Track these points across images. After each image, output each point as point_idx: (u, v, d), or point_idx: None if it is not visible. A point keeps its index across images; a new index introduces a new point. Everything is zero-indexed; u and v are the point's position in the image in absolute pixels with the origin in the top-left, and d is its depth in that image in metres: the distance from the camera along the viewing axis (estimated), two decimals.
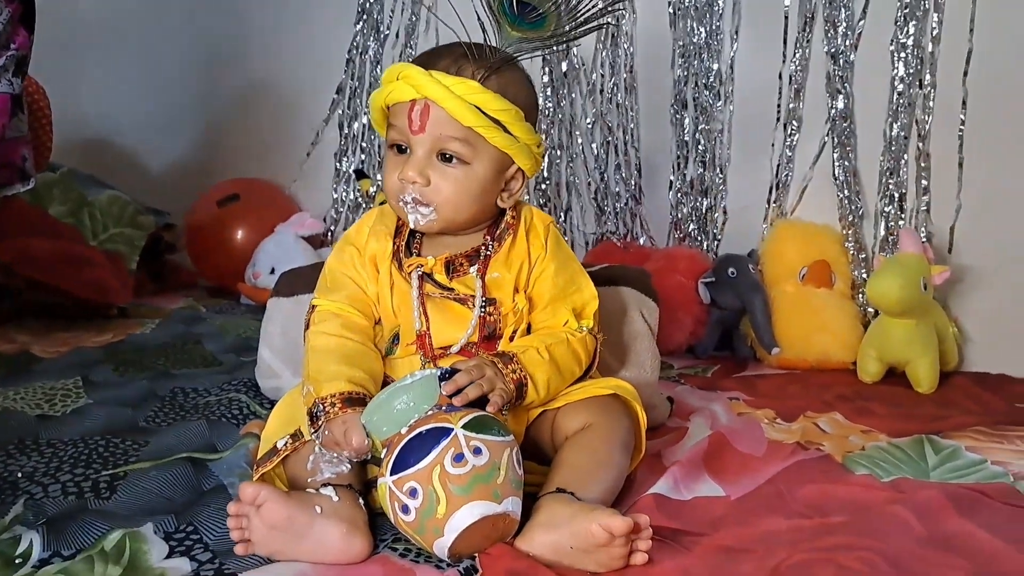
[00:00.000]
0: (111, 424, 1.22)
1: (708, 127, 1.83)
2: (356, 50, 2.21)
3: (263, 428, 1.19)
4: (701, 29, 1.81)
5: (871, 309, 1.68)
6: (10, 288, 1.74)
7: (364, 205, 2.23)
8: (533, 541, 0.85)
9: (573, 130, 1.96)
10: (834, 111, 1.69)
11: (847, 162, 1.69)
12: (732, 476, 1.07)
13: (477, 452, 0.84)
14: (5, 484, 1.02)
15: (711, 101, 1.83)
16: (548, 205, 1.98)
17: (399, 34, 2.14)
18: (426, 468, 0.83)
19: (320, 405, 0.92)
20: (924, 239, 1.61)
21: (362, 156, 2.25)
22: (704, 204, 1.86)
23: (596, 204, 1.94)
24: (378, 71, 2.20)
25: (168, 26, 2.47)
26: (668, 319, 1.49)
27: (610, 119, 1.91)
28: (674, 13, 1.84)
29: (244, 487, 0.86)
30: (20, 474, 1.05)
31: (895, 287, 1.47)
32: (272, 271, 2.05)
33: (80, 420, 1.23)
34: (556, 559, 0.85)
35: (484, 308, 1.00)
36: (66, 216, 1.94)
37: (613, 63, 1.89)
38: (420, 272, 1.01)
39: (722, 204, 1.86)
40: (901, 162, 1.64)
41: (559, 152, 1.97)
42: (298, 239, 2.10)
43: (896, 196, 1.65)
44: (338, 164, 2.27)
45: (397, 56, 2.14)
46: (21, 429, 1.18)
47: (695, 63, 1.83)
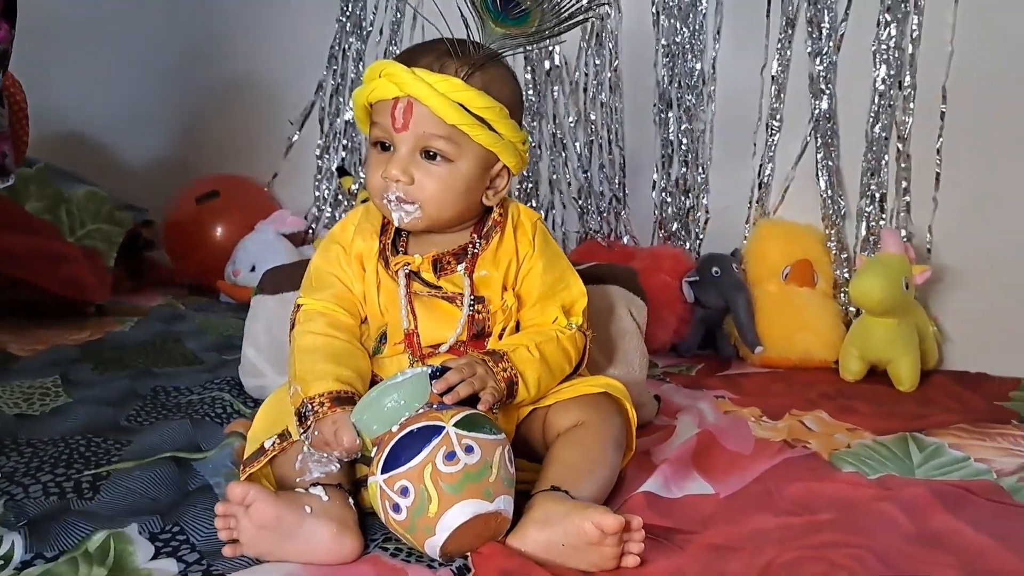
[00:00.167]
0: (92, 423, 1.20)
1: (691, 127, 1.84)
2: (338, 46, 2.20)
3: (248, 427, 1.18)
4: (684, 29, 1.82)
5: (852, 308, 1.69)
6: None
7: (346, 203, 2.21)
8: (526, 539, 0.85)
9: (556, 129, 1.96)
10: (817, 111, 1.70)
11: (830, 162, 1.70)
12: (721, 474, 1.07)
13: (469, 450, 0.83)
14: None
15: (694, 101, 1.83)
16: (529, 204, 1.98)
17: (382, 31, 2.13)
18: (417, 466, 0.83)
19: (309, 405, 0.91)
20: (905, 239, 1.62)
21: (344, 153, 2.23)
22: (687, 204, 1.87)
23: (579, 203, 1.94)
24: (361, 68, 2.18)
25: (147, 19, 2.44)
26: (652, 318, 1.49)
27: (594, 118, 1.91)
28: (657, 13, 1.84)
29: (232, 487, 0.85)
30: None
31: (878, 287, 1.48)
32: (253, 269, 2.03)
33: (60, 419, 1.22)
34: (548, 557, 0.84)
35: (473, 306, 0.99)
36: (43, 212, 1.91)
37: (597, 62, 1.89)
38: (407, 270, 1.00)
39: (705, 203, 1.86)
40: (882, 162, 1.65)
41: (540, 150, 1.96)
42: (279, 237, 2.08)
43: (877, 196, 1.66)
44: (319, 161, 2.26)
45: (380, 53, 2.13)
46: None
47: (679, 63, 1.83)
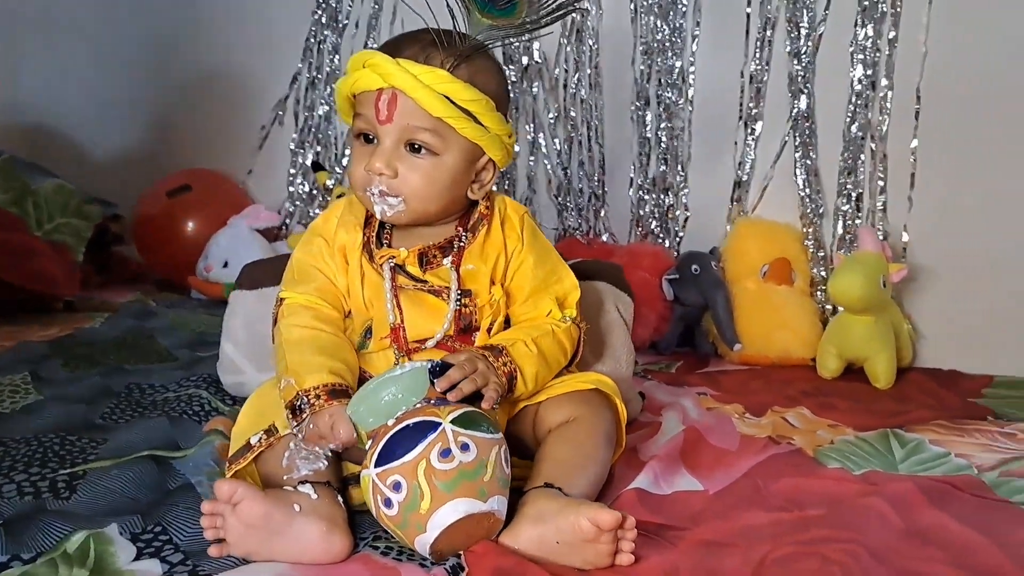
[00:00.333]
0: (65, 421, 1.17)
1: (670, 125, 1.84)
2: (314, 39, 2.17)
3: (228, 425, 1.16)
4: (664, 26, 1.82)
5: (829, 306, 1.71)
6: None
7: (320, 198, 2.19)
8: (520, 536, 0.84)
9: (535, 126, 1.95)
10: (796, 111, 1.71)
11: (808, 161, 1.72)
12: (708, 470, 1.07)
13: (465, 448, 0.82)
14: None
15: (673, 99, 1.83)
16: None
17: (359, 24, 2.11)
18: (411, 462, 0.81)
19: (304, 397, 0.89)
20: (881, 238, 1.64)
21: (319, 148, 2.21)
22: (666, 202, 1.87)
23: (558, 200, 1.94)
24: (337, 61, 2.16)
25: (116, 8, 2.39)
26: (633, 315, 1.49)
27: (574, 115, 1.91)
28: (636, 10, 1.84)
29: (220, 484, 0.83)
30: None
31: (857, 285, 1.49)
32: (225, 265, 2.00)
33: (31, 417, 1.18)
34: (542, 555, 0.83)
35: (459, 300, 0.98)
36: (9, 205, 1.86)
37: (578, 58, 1.89)
38: (392, 264, 0.99)
39: (683, 201, 1.87)
40: (859, 162, 1.67)
41: (518, 147, 1.95)
42: (252, 232, 2.05)
43: (854, 195, 1.68)
44: (294, 156, 2.23)
45: (357, 47, 2.11)
46: None
47: (657, 60, 1.83)
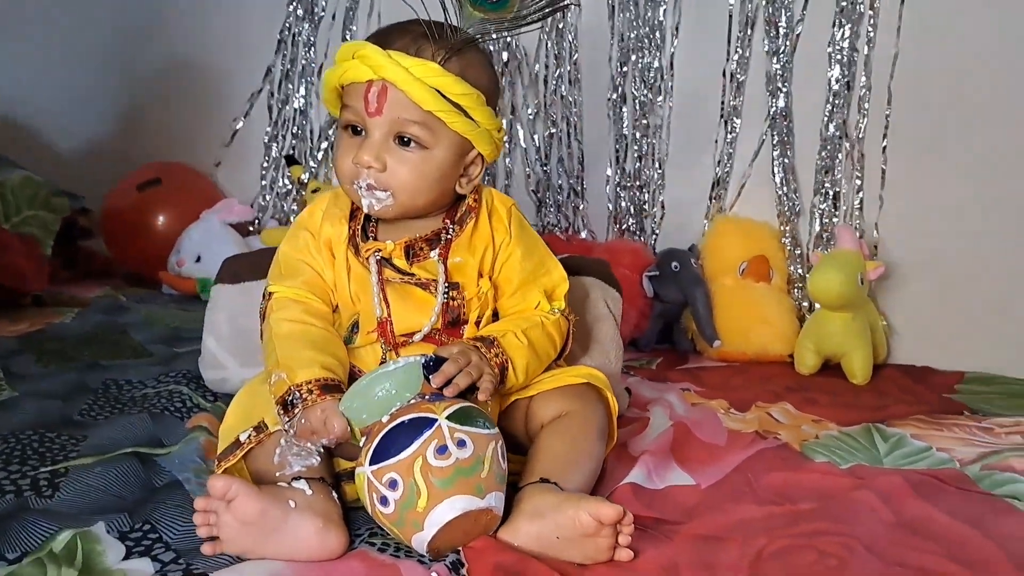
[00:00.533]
0: (42, 418, 1.14)
1: (646, 122, 1.85)
2: (288, 31, 2.14)
3: (211, 421, 1.14)
4: (643, 24, 1.82)
5: (806, 303, 1.73)
6: None
7: (295, 193, 2.16)
8: (518, 532, 0.83)
9: (514, 121, 1.94)
10: (774, 109, 1.73)
11: (785, 160, 1.73)
12: (699, 465, 1.07)
13: (461, 444, 0.81)
14: None
15: (650, 96, 1.84)
16: None
17: (335, 16, 2.08)
18: (407, 459, 0.80)
19: (296, 392, 0.87)
20: (858, 236, 1.66)
21: (293, 142, 2.18)
22: (642, 199, 1.87)
23: (536, 196, 1.93)
24: (312, 54, 2.13)
25: None
26: None
27: (553, 111, 1.91)
28: (614, 7, 1.84)
29: (213, 480, 0.81)
30: None
31: (836, 282, 1.51)
32: (198, 259, 1.97)
33: (7, 414, 1.15)
34: (541, 550, 0.83)
35: (447, 293, 0.97)
36: None
37: (558, 54, 1.88)
38: (378, 257, 0.97)
39: (660, 199, 1.88)
40: (836, 161, 1.69)
41: None
42: (225, 226, 2.02)
43: (831, 194, 1.70)
44: (267, 150, 2.20)
45: (336, 39, 2.09)
46: None
47: (634, 56, 1.84)
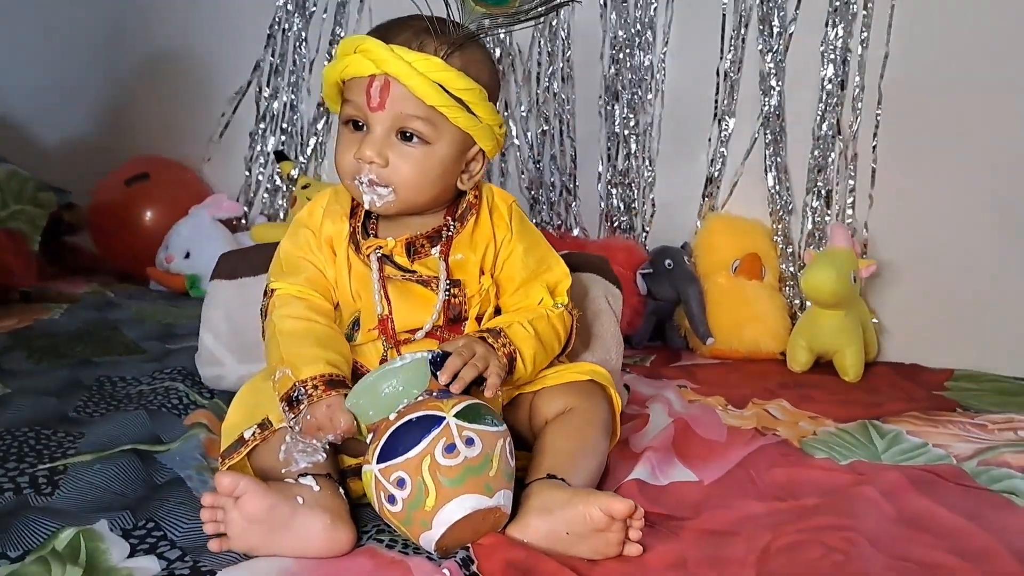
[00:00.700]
0: (37, 415, 1.12)
1: (638, 120, 1.85)
2: (278, 26, 2.13)
3: (210, 418, 1.13)
4: (636, 22, 1.82)
5: (797, 301, 1.74)
6: None
7: (284, 188, 2.14)
8: (527, 528, 0.83)
9: (508, 119, 1.94)
10: (767, 108, 1.74)
11: (778, 159, 1.74)
12: (701, 461, 1.08)
13: (470, 443, 0.81)
14: None
15: (641, 94, 1.84)
16: None
17: (327, 10, 2.07)
18: (415, 458, 0.80)
19: (301, 388, 0.87)
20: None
21: (282, 137, 2.16)
22: (631, 196, 1.88)
23: (530, 194, 1.93)
24: (302, 49, 2.12)
25: None
26: None
27: (546, 109, 1.91)
28: (606, 4, 1.85)
29: (221, 477, 0.80)
30: None
31: (829, 280, 1.52)
32: (187, 255, 1.95)
33: (1, 410, 1.13)
34: (550, 546, 0.83)
35: (449, 290, 0.97)
36: None
37: (551, 52, 1.88)
38: (379, 254, 0.97)
39: (651, 197, 1.88)
40: (829, 159, 1.70)
41: None
42: (214, 222, 2.00)
43: (823, 193, 1.71)
44: (255, 145, 2.18)
45: (326, 34, 2.08)
46: None
47: (625, 52, 1.84)
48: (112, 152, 2.23)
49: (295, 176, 2.09)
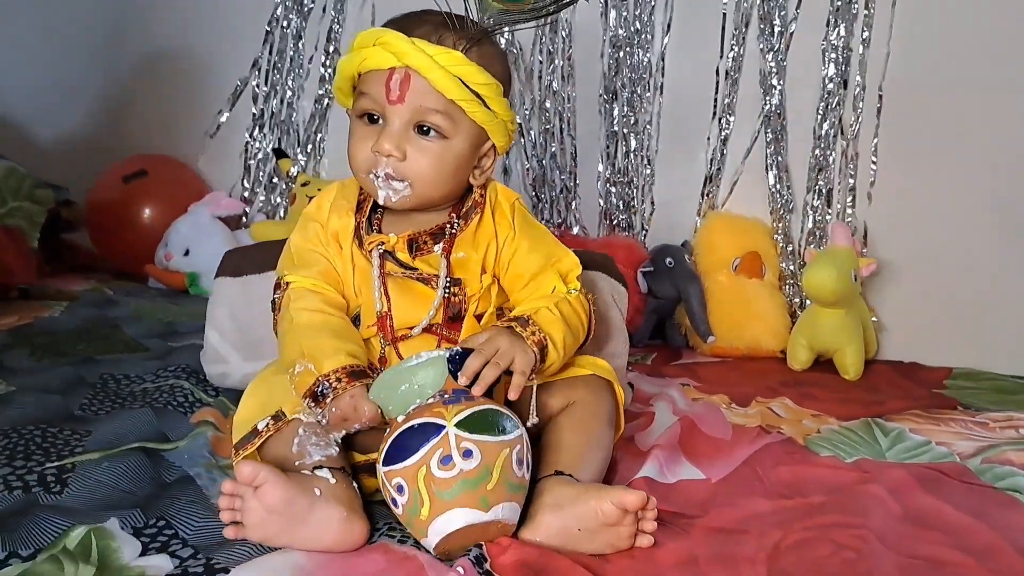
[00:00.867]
0: (42, 413, 1.12)
1: (637, 118, 1.85)
2: (276, 22, 2.12)
3: (216, 416, 1.13)
4: (635, 20, 1.83)
5: (797, 300, 1.74)
6: None
7: (284, 186, 2.14)
8: (539, 526, 0.83)
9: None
10: (768, 107, 1.74)
11: (779, 158, 1.75)
12: (707, 459, 1.08)
13: (467, 455, 0.79)
14: None
15: (640, 92, 1.85)
16: None
17: (325, 8, 2.07)
18: (412, 467, 0.79)
19: (324, 382, 0.87)
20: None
21: (279, 134, 2.16)
22: (630, 195, 1.88)
23: (533, 193, 1.93)
24: (301, 47, 2.11)
25: None
26: None
27: (548, 106, 1.91)
28: (606, 2, 1.85)
29: (241, 466, 0.80)
30: None
31: (830, 278, 1.53)
32: (187, 253, 1.95)
33: (5, 408, 1.13)
34: (562, 543, 0.83)
35: (448, 289, 0.96)
36: None
37: (552, 49, 1.88)
38: (381, 250, 0.97)
39: (650, 195, 1.88)
40: (830, 158, 1.71)
41: None
42: (214, 220, 1.99)
43: (824, 191, 1.72)
44: (253, 143, 2.17)
45: (324, 32, 2.07)
46: None
47: (625, 51, 1.84)
48: (110, 150, 2.22)
49: (294, 174, 2.08)
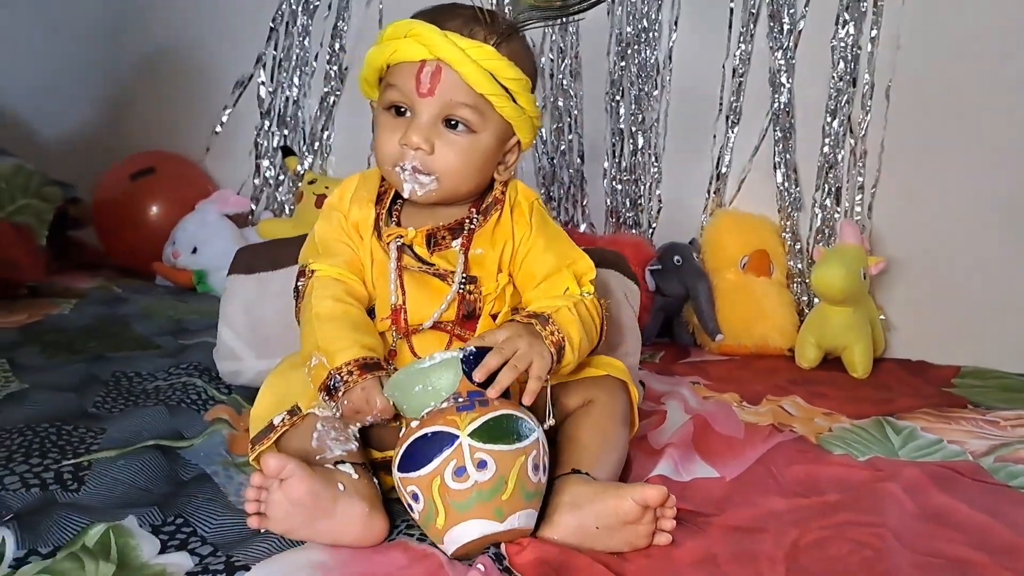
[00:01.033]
0: (57, 410, 1.12)
1: (644, 116, 1.85)
2: (281, 19, 2.12)
3: (231, 413, 1.13)
4: (642, 18, 1.83)
5: (805, 298, 1.75)
6: None
7: (290, 184, 2.14)
8: (558, 525, 0.84)
9: None
10: (776, 105, 1.74)
11: (787, 156, 1.75)
12: (721, 458, 1.08)
13: (482, 466, 0.79)
14: None
15: (648, 90, 1.85)
16: None
17: (331, 6, 2.06)
18: (426, 477, 0.79)
19: (336, 376, 0.87)
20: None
21: (285, 132, 2.15)
22: (637, 192, 1.88)
23: (544, 190, 1.93)
24: (306, 43, 2.11)
25: None
26: None
27: (560, 103, 1.91)
28: (613, 0, 1.85)
29: (268, 458, 0.80)
30: None
31: (839, 277, 1.53)
32: (194, 251, 1.94)
33: (19, 406, 1.13)
34: (580, 541, 0.83)
35: (464, 285, 0.96)
36: None
37: (561, 47, 1.88)
38: (399, 243, 0.96)
39: (657, 193, 1.89)
40: (839, 156, 1.71)
41: None
42: (222, 217, 1.99)
43: (833, 189, 1.72)
44: (259, 140, 2.17)
45: (328, 30, 2.07)
46: None
47: (632, 48, 1.84)
48: (114, 147, 2.22)
49: (301, 172, 2.08)
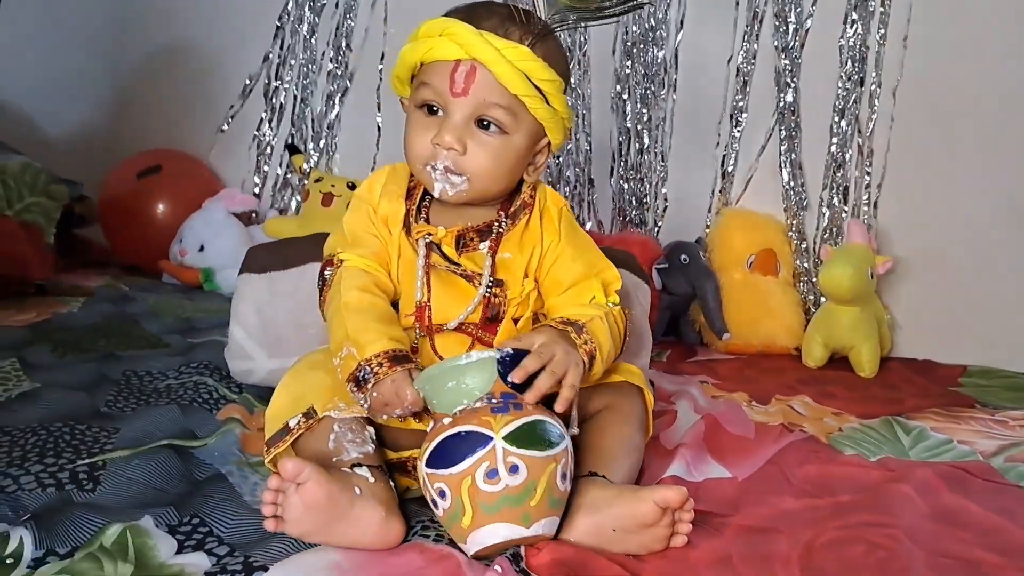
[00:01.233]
0: (69, 410, 1.12)
1: (650, 115, 1.86)
2: (288, 18, 2.12)
3: (243, 413, 1.14)
4: (649, 17, 1.83)
5: (811, 297, 1.75)
6: None
7: (296, 182, 2.14)
8: (576, 527, 0.84)
9: None
10: (782, 104, 1.75)
11: (793, 155, 1.75)
12: (732, 458, 1.08)
13: (514, 471, 0.78)
14: None
15: (654, 90, 1.85)
16: None
17: (338, 4, 2.06)
18: (457, 475, 0.79)
19: (366, 367, 0.86)
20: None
21: (292, 130, 2.16)
22: (643, 191, 1.88)
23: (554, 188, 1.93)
24: (314, 42, 2.11)
25: None
26: None
27: (571, 102, 1.90)
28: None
29: (285, 462, 0.80)
30: None
31: (847, 276, 1.53)
32: (201, 249, 1.94)
33: (32, 405, 1.13)
34: (596, 543, 0.84)
35: (490, 288, 0.96)
36: None
37: (570, 47, 1.88)
38: (428, 240, 0.96)
39: (663, 192, 1.89)
40: (846, 156, 1.71)
41: None
42: (228, 215, 1.99)
43: (840, 188, 1.72)
44: (265, 138, 2.17)
45: (333, 28, 2.07)
46: None
47: (639, 47, 1.84)
48: (121, 145, 2.22)
49: (307, 170, 2.08)
